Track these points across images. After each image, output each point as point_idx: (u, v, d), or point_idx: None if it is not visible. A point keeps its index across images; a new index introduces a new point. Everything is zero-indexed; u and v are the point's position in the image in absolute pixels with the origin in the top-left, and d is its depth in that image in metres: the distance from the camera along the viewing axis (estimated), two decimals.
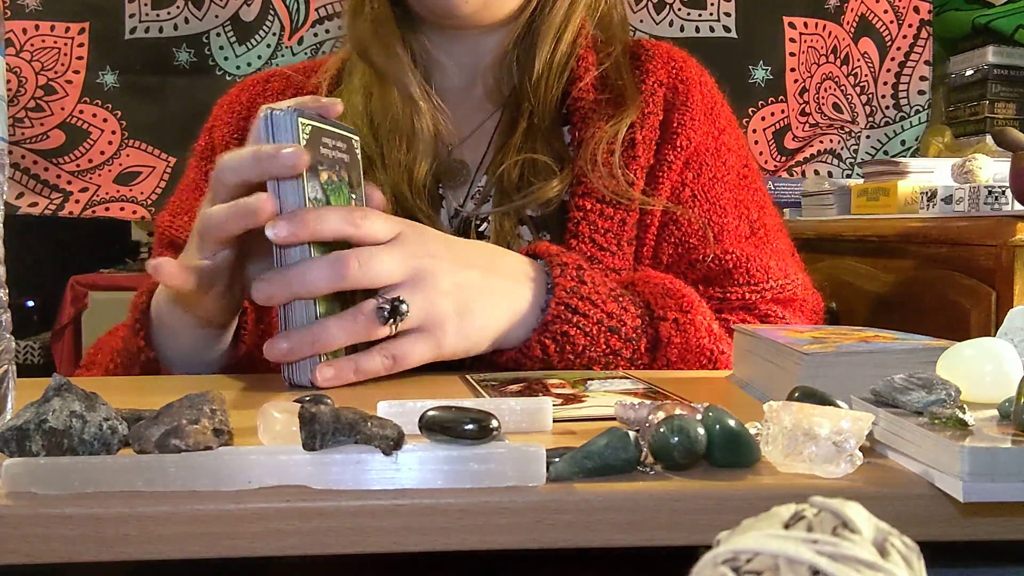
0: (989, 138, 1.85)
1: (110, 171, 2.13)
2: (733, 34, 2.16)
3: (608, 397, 0.60)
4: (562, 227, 0.88)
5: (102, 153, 2.13)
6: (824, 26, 2.16)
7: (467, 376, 0.70)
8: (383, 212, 0.69)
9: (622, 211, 0.87)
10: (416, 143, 0.89)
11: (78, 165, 2.12)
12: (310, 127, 0.66)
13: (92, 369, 0.85)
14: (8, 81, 1.96)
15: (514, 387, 0.64)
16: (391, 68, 0.90)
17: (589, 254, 0.86)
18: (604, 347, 0.74)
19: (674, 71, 0.95)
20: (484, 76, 0.96)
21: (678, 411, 0.46)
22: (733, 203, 0.92)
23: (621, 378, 0.69)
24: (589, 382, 0.66)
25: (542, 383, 0.66)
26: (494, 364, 0.75)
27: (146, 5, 2.12)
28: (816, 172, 2.15)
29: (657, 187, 0.90)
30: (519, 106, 0.92)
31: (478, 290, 0.70)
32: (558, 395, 0.61)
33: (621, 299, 0.76)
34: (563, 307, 0.72)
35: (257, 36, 2.15)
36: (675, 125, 0.92)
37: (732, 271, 0.88)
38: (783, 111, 2.17)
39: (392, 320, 0.65)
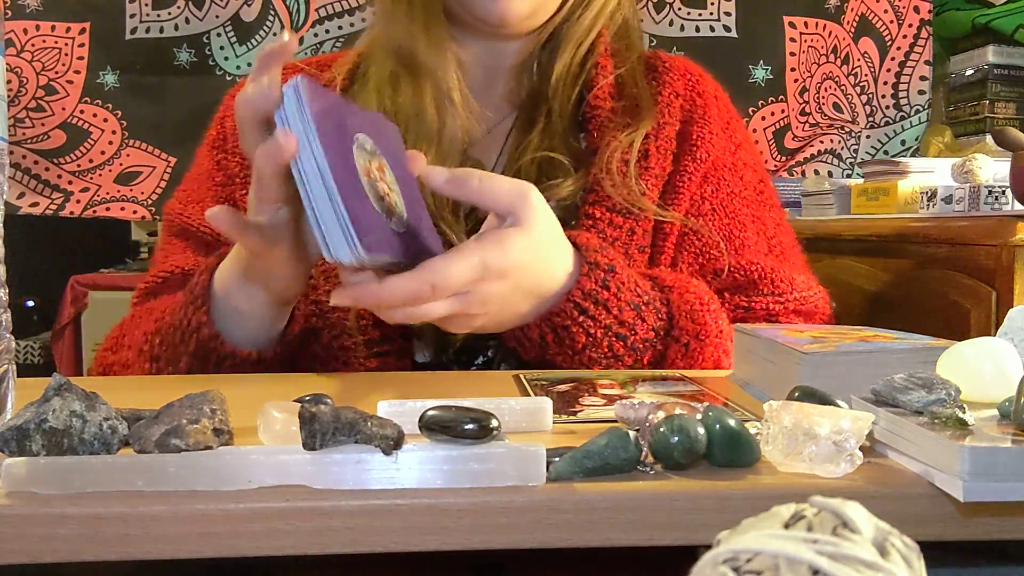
0: (989, 138, 1.84)
1: (110, 171, 2.13)
2: (733, 34, 2.16)
3: (657, 399, 0.60)
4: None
5: (102, 153, 2.12)
6: (824, 26, 2.16)
7: (519, 375, 0.70)
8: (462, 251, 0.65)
9: (631, 220, 0.88)
10: (444, 144, 0.89)
11: (79, 165, 2.12)
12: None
13: (120, 351, 0.83)
14: (8, 81, 1.96)
15: (563, 387, 0.64)
16: (437, 67, 0.90)
17: None
18: (606, 350, 0.75)
19: (691, 84, 0.97)
20: (505, 78, 0.96)
21: (678, 411, 0.46)
22: (751, 219, 0.94)
23: (676, 380, 0.68)
24: (639, 383, 0.66)
25: (591, 383, 0.66)
26: (501, 338, 0.76)
27: (146, 5, 2.11)
28: (816, 172, 2.15)
29: (676, 197, 0.91)
30: (536, 108, 0.93)
31: (520, 298, 0.71)
32: (604, 396, 0.61)
33: (644, 308, 0.77)
34: (572, 305, 0.73)
35: (257, 36, 2.15)
36: (694, 137, 0.93)
37: (757, 282, 0.89)
38: (783, 111, 2.17)
39: None
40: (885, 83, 2.17)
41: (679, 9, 2.16)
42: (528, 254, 0.67)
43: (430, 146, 0.88)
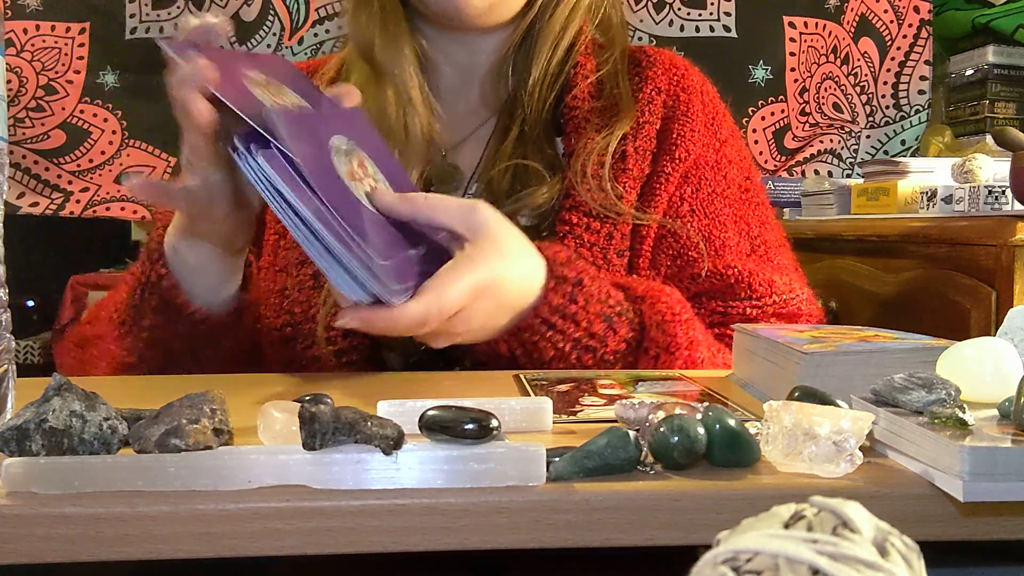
0: (989, 138, 1.84)
1: (111, 171, 2.13)
2: (733, 34, 2.16)
3: (657, 399, 0.60)
4: (553, 238, 0.87)
5: (103, 153, 2.12)
6: (824, 26, 2.16)
7: (519, 374, 0.70)
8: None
9: (609, 225, 0.86)
10: (408, 147, 0.88)
11: (79, 165, 2.12)
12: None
13: (96, 325, 0.85)
14: (8, 81, 1.96)
15: (563, 387, 0.64)
16: (394, 65, 0.89)
17: None
18: (575, 361, 0.75)
19: (675, 79, 0.94)
20: (481, 80, 0.95)
21: (678, 411, 0.46)
22: (733, 219, 0.91)
23: (675, 379, 0.68)
24: (639, 383, 0.66)
25: (591, 383, 0.66)
26: (472, 351, 0.76)
27: (146, 5, 2.11)
28: (816, 172, 2.15)
29: (653, 199, 0.89)
30: (513, 113, 0.91)
31: (502, 314, 0.71)
32: (604, 396, 0.61)
33: (615, 319, 0.76)
34: (539, 320, 0.73)
35: (257, 36, 2.15)
36: (674, 136, 0.90)
37: (734, 285, 0.87)
38: (783, 111, 2.17)
39: None
40: (885, 83, 2.17)
41: (679, 9, 2.16)
42: (506, 268, 0.67)
43: (394, 149, 0.87)
